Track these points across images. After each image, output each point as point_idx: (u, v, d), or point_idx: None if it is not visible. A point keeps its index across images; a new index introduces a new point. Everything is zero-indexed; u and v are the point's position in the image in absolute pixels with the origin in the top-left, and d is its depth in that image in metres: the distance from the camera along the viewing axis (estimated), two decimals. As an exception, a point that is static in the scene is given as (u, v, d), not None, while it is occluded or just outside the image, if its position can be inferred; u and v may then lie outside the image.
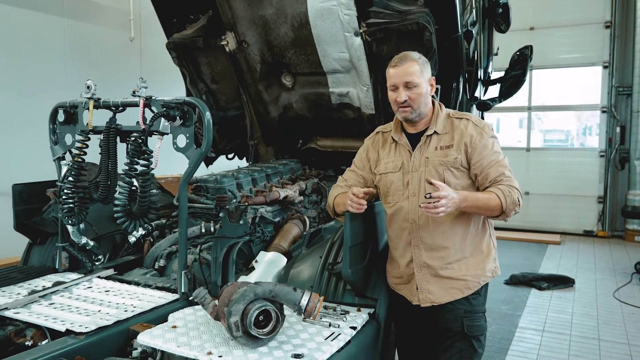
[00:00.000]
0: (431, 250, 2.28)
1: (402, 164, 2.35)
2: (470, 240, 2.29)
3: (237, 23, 4.19)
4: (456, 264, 2.27)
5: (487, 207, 2.18)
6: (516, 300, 5.55)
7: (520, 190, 2.23)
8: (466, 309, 2.28)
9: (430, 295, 2.29)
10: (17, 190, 3.12)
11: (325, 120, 4.59)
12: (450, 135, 2.30)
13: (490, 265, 2.34)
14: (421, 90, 2.26)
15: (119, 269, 3.04)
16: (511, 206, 2.17)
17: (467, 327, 2.27)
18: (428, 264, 2.29)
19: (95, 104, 2.70)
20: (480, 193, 2.22)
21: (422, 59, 2.31)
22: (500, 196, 2.16)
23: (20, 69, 5.49)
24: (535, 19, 9.26)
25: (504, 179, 2.21)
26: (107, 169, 2.65)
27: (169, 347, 1.96)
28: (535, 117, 10.05)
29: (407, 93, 2.24)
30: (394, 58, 2.31)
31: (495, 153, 2.26)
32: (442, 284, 2.28)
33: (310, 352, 1.92)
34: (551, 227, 9.22)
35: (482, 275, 2.31)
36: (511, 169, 2.28)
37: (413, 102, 2.25)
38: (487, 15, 4.81)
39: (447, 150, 2.27)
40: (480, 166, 2.24)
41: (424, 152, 2.31)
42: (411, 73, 2.24)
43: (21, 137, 5.35)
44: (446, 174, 2.25)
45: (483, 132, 2.28)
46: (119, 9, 6.64)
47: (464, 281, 2.27)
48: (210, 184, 3.49)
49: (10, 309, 2.29)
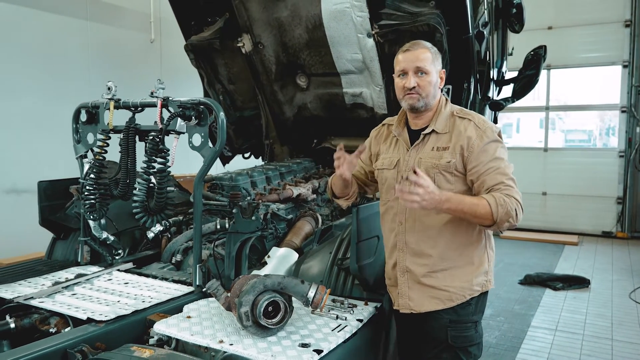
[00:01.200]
0: (415, 255, 2.16)
1: (398, 161, 2.24)
2: (460, 250, 2.14)
3: (253, 25, 4.30)
4: (441, 273, 2.13)
5: (474, 214, 1.97)
6: (530, 299, 5.56)
7: (520, 201, 2.01)
8: (451, 318, 2.13)
9: (410, 302, 2.18)
10: (42, 187, 3.27)
11: (339, 120, 4.67)
12: (449, 135, 2.15)
13: (480, 279, 2.16)
14: (431, 78, 2.13)
15: (138, 263, 3.16)
16: (504, 217, 1.95)
17: (451, 338, 2.13)
18: (411, 269, 2.17)
19: (116, 105, 2.83)
20: (469, 197, 2.03)
21: (434, 48, 2.19)
22: (492, 204, 1.95)
23: (45, 70, 5.68)
24: (554, 18, 9.19)
25: (502, 187, 2.01)
26: (126, 166, 2.78)
27: (183, 335, 2.06)
28: (557, 117, 9.97)
29: (416, 79, 2.11)
30: (405, 45, 2.19)
31: (495, 159, 2.06)
32: (424, 292, 2.15)
33: (317, 342, 2.01)
34: (569, 227, 9.14)
35: (469, 289, 2.13)
36: (514, 178, 2.07)
37: (422, 89, 2.12)
38: (500, 15, 4.84)
39: (442, 152, 2.12)
40: (476, 172, 2.06)
41: (419, 152, 2.18)
42: (423, 59, 2.11)
43: (46, 137, 5.54)
44: (437, 177, 2.09)
45: (484, 135, 2.08)
46: (139, 11, 6.82)
47: (446, 292, 2.12)
48: (225, 182, 3.60)
49: (35, 299, 2.42)
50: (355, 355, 2.15)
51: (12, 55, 5.36)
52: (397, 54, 2.21)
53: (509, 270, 6.69)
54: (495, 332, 4.63)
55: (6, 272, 3.01)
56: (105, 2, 6.37)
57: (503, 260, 7.25)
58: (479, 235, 2.17)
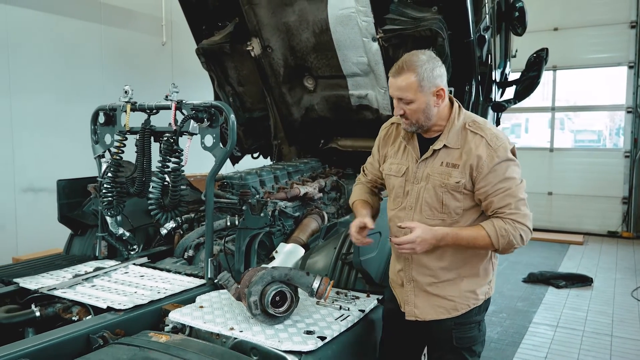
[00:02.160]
0: (421, 266, 2.16)
1: (407, 170, 2.18)
2: (466, 261, 2.13)
3: (262, 29, 4.44)
4: (447, 283, 2.14)
5: (474, 246, 2.03)
6: (532, 297, 5.66)
7: (528, 224, 1.99)
8: (456, 321, 2.15)
9: (415, 310, 2.20)
10: (61, 185, 3.44)
11: (345, 121, 4.80)
12: (460, 152, 2.05)
13: (484, 289, 2.18)
14: (418, 105, 2.02)
15: (152, 258, 3.32)
16: (506, 246, 1.98)
17: (456, 340, 2.15)
18: (416, 279, 2.18)
19: (132, 107, 2.99)
20: (466, 231, 2.03)
21: (426, 65, 2.01)
22: (492, 236, 1.97)
23: (62, 72, 5.87)
24: (560, 20, 9.26)
25: (507, 211, 1.98)
26: (142, 166, 2.94)
27: (196, 323, 2.21)
28: (566, 117, 10.01)
29: (402, 107, 2.05)
30: (395, 64, 2.07)
31: (505, 180, 2.00)
32: (429, 301, 2.16)
33: (321, 329, 2.15)
34: (575, 227, 9.21)
35: (474, 298, 2.15)
36: (524, 197, 2.03)
37: (410, 116, 2.06)
38: (503, 18, 4.94)
39: (452, 169, 2.06)
40: (484, 193, 2.02)
41: (429, 166, 2.11)
42: (404, 88, 2.01)
43: (62, 137, 5.73)
44: (445, 196, 2.07)
45: (494, 156, 2.00)
46: (152, 15, 6.99)
47: (452, 302, 2.14)
48: (235, 180, 3.75)
49: (58, 289, 2.58)
50: (356, 342, 2.29)
51: (30, 57, 5.55)
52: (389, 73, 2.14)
53: (513, 269, 6.79)
54: (497, 328, 4.74)
55: (28, 265, 3.18)
56: (118, 7, 6.55)
57: (508, 259, 7.33)
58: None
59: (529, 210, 2.04)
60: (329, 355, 2.06)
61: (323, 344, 2.05)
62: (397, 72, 2.05)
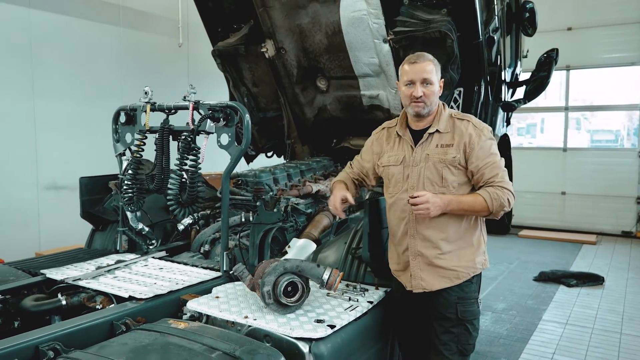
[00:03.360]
0: (426, 240, 2.42)
1: (404, 158, 2.49)
2: (463, 233, 2.43)
3: (275, 31, 4.56)
4: (448, 255, 2.41)
5: (473, 210, 2.35)
6: (543, 295, 5.71)
7: (511, 189, 2.37)
8: (459, 295, 2.42)
9: (422, 282, 2.44)
10: (83, 182, 3.58)
11: (357, 121, 4.89)
12: (451, 134, 2.43)
13: (480, 258, 2.48)
14: (434, 88, 2.41)
15: (170, 252, 3.47)
16: (498, 208, 2.32)
17: (460, 313, 2.41)
18: (422, 253, 2.43)
19: (152, 108, 3.13)
20: (466, 196, 2.37)
21: (435, 60, 2.44)
22: (487, 199, 2.32)
23: (82, 74, 6.06)
24: (573, 19, 9.25)
25: (496, 180, 2.35)
26: (161, 163, 3.07)
27: (212, 312, 2.34)
28: (582, 117, 9.98)
29: (423, 89, 2.37)
30: (409, 56, 2.45)
31: (491, 155, 2.39)
32: (434, 273, 2.42)
33: (331, 319, 2.26)
34: (588, 227, 9.19)
35: (472, 267, 2.44)
36: (505, 169, 2.41)
37: (427, 98, 2.39)
38: (514, 19, 5.00)
39: (447, 148, 2.40)
40: (476, 166, 2.37)
41: (425, 149, 2.44)
42: (428, 71, 2.38)
43: (82, 136, 5.92)
44: (444, 171, 2.39)
45: (482, 134, 2.40)
46: (169, 17, 7.15)
47: (454, 271, 2.41)
48: (249, 178, 3.88)
49: (82, 280, 2.73)
50: (365, 332, 2.39)
51: (52, 60, 5.75)
52: (403, 64, 2.46)
53: (524, 268, 6.83)
54: (507, 325, 4.81)
55: (52, 258, 3.34)
56: (136, 9, 6.73)
57: (519, 258, 7.39)
58: (475, 221, 2.48)
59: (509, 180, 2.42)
60: (338, 343, 2.17)
61: (332, 331, 2.15)
62: (418, 58, 2.42)
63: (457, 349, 2.43)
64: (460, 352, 2.44)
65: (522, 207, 9.39)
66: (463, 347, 2.44)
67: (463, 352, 2.44)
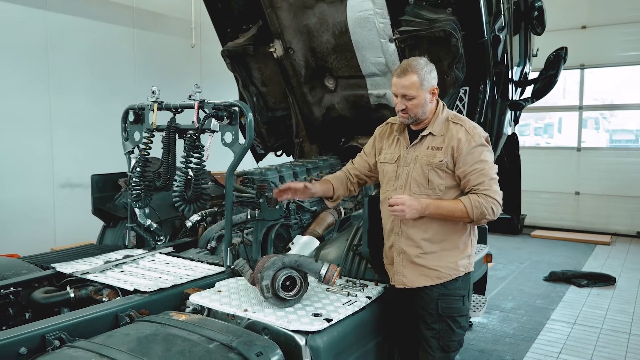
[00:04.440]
0: (409, 239, 2.47)
1: (399, 157, 2.55)
2: (448, 235, 2.46)
3: (284, 32, 4.62)
4: (431, 255, 2.45)
5: (452, 216, 2.38)
6: (552, 295, 5.68)
7: (498, 198, 2.36)
8: (441, 292, 2.46)
9: (404, 278, 2.51)
10: (95, 180, 3.68)
11: (365, 120, 4.92)
12: (443, 138, 2.44)
13: (464, 262, 2.51)
14: (419, 101, 2.41)
15: (177, 248, 3.54)
16: (479, 216, 2.34)
17: (441, 309, 2.45)
18: (405, 250, 2.49)
19: (159, 107, 3.21)
20: (446, 202, 2.39)
21: (425, 68, 2.41)
22: (468, 207, 2.33)
23: (97, 75, 6.19)
24: (588, 18, 9.15)
25: (481, 188, 2.35)
26: (167, 161, 3.15)
27: (213, 305, 2.40)
28: (601, 116, 9.86)
29: (405, 102, 2.42)
30: (399, 65, 2.47)
31: (480, 162, 2.37)
32: (416, 270, 2.48)
33: (328, 312, 2.31)
34: (603, 228, 9.09)
35: (454, 269, 2.47)
36: (496, 177, 2.40)
37: (410, 110, 2.43)
38: (522, 18, 4.98)
39: (436, 151, 2.43)
40: (463, 172, 2.39)
41: (416, 150, 2.49)
42: (409, 87, 2.39)
43: (97, 135, 6.04)
44: (431, 174, 2.42)
45: (472, 140, 2.39)
46: (181, 18, 7.27)
47: (436, 271, 2.45)
48: (255, 176, 3.93)
49: (90, 274, 2.82)
50: (362, 326, 2.43)
51: (67, 60, 5.89)
52: (393, 73, 2.49)
53: (535, 268, 6.80)
54: (514, 324, 4.80)
55: (64, 253, 3.44)
56: (150, 11, 6.85)
57: (530, 258, 7.35)
58: (464, 225, 2.50)
59: (499, 189, 2.41)
60: (334, 336, 2.21)
61: (329, 325, 2.20)
62: (401, 73, 2.44)
63: (438, 345, 2.47)
64: (442, 348, 2.47)
65: (535, 207, 9.34)
66: (445, 344, 2.47)
67: (445, 349, 2.47)
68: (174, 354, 1.86)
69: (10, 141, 5.44)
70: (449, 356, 2.52)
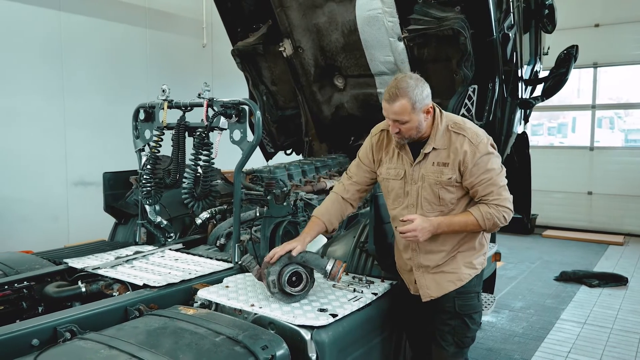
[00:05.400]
0: (428, 253, 2.47)
1: (405, 173, 2.46)
2: (464, 240, 2.46)
3: (293, 31, 4.66)
4: (449, 260, 2.47)
5: (465, 230, 2.37)
6: (563, 295, 5.64)
7: (509, 206, 2.33)
8: (458, 290, 2.47)
9: (428, 291, 2.50)
10: (107, 177, 3.74)
11: (374, 119, 4.87)
12: (447, 151, 2.36)
13: (480, 259, 2.54)
14: (412, 124, 2.31)
15: (187, 245, 3.59)
16: (491, 227, 2.34)
17: (458, 306, 2.47)
18: (425, 264, 2.49)
19: (169, 105, 3.26)
20: (458, 217, 2.37)
21: (416, 90, 2.26)
22: (479, 219, 2.31)
23: (110, 75, 6.27)
24: (601, 16, 9.06)
25: (490, 198, 2.32)
26: (177, 158, 3.20)
27: (221, 300, 2.44)
28: (616, 116, 9.76)
29: (398, 126, 2.32)
30: (387, 89, 2.32)
31: (487, 172, 2.32)
32: (437, 279, 2.48)
33: (334, 308, 2.33)
34: (616, 228, 9.00)
35: (472, 268, 2.50)
36: (504, 184, 2.36)
37: (404, 133, 2.35)
38: (533, 16, 4.96)
39: (443, 167, 2.37)
40: (470, 183, 2.35)
41: (422, 168, 2.41)
42: (400, 113, 2.28)
43: (110, 134, 6.11)
44: (441, 192, 2.38)
45: (476, 151, 2.32)
46: (193, 18, 7.33)
47: (455, 274, 2.46)
48: (264, 174, 3.98)
49: (101, 269, 2.87)
50: (367, 322, 2.46)
51: (81, 60, 5.97)
52: (382, 98, 2.37)
53: (546, 267, 6.76)
54: (523, 323, 4.79)
55: (76, 249, 3.50)
56: (162, 11, 6.92)
57: (541, 258, 7.30)
58: None
59: (509, 194, 2.37)
60: (339, 331, 2.24)
61: (334, 320, 2.23)
62: (391, 99, 2.30)
63: (453, 340, 2.48)
64: (457, 344, 2.49)
65: (547, 207, 9.28)
66: (460, 340, 2.49)
67: (459, 345, 2.49)
68: (181, 346, 1.90)
69: (26, 140, 5.54)
70: (463, 352, 2.54)
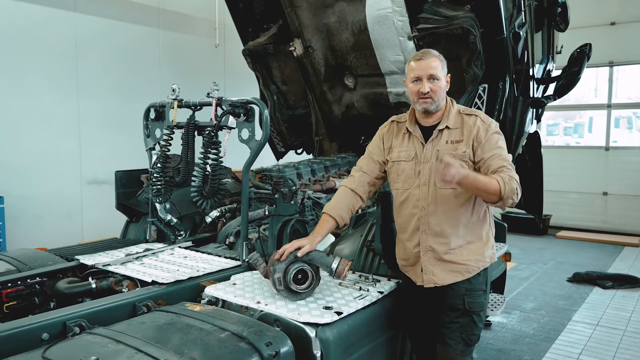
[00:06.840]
0: (437, 235, 2.44)
1: (415, 154, 2.51)
2: (472, 228, 2.46)
3: (303, 31, 4.67)
4: (458, 250, 2.44)
5: (486, 189, 2.26)
6: (575, 296, 5.58)
7: (518, 182, 2.32)
8: (467, 287, 2.46)
9: (433, 277, 2.47)
10: (119, 176, 3.80)
11: (384, 118, 4.86)
12: (460, 130, 2.45)
13: (489, 252, 2.52)
14: (441, 84, 2.42)
15: (196, 243, 3.62)
16: (509, 193, 2.25)
17: (468, 304, 2.46)
18: (433, 248, 2.45)
19: (179, 104, 3.30)
20: (482, 175, 2.32)
21: (441, 56, 2.46)
22: (500, 182, 2.25)
23: (123, 75, 6.36)
24: (617, 14, 8.94)
25: (504, 170, 2.32)
26: (186, 157, 3.23)
27: (227, 297, 2.46)
28: (634, 115, 9.61)
29: (429, 85, 2.39)
30: (415, 53, 2.51)
31: (498, 147, 2.39)
32: (445, 267, 2.45)
33: (339, 306, 2.34)
34: (632, 229, 8.86)
35: (482, 261, 2.48)
36: (512, 164, 2.39)
37: (434, 93, 2.40)
38: (545, 15, 4.91)
39: (457, 144, 2.43)
40: (482, 158, 2.37)
41: (436, 145, 2.46)
42: (434, 67, 2.39)
43: (125, 134, 6.19)
44: None
45: (489, 128, 2.41)
46: (205, 19, 7.40)
47: (465, 265, 2.45)
48: (273, 173, 3.99)
49: (112, 266, 2.91)
50: (373, 320, 2.46)
51: (95, 61, 6.06)
52: (410, 61, 2.48)
53: (559, 269, 6.69)
54: (534, 324, 4.75)
55: (88, 246, 3.56)
56: (175, 12, 7.00)
57: (555, 259, 7.23)
58: (484, 215, 2.51)
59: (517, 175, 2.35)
60: (344, 329, 2.25)
61: (339, 318, 2.23)
62: (424, 55, 2.45)
63: (461, 338, 2.48)
64: (465, 342, 2.48)
65: (562, 208, 9.18)
66: (468, 337, 2.48)
67: (467, 342, 2.49)
68: (187, 342, 1.92)
69: (41, 139, 5.64)
70: (470, 349, 2.54)
